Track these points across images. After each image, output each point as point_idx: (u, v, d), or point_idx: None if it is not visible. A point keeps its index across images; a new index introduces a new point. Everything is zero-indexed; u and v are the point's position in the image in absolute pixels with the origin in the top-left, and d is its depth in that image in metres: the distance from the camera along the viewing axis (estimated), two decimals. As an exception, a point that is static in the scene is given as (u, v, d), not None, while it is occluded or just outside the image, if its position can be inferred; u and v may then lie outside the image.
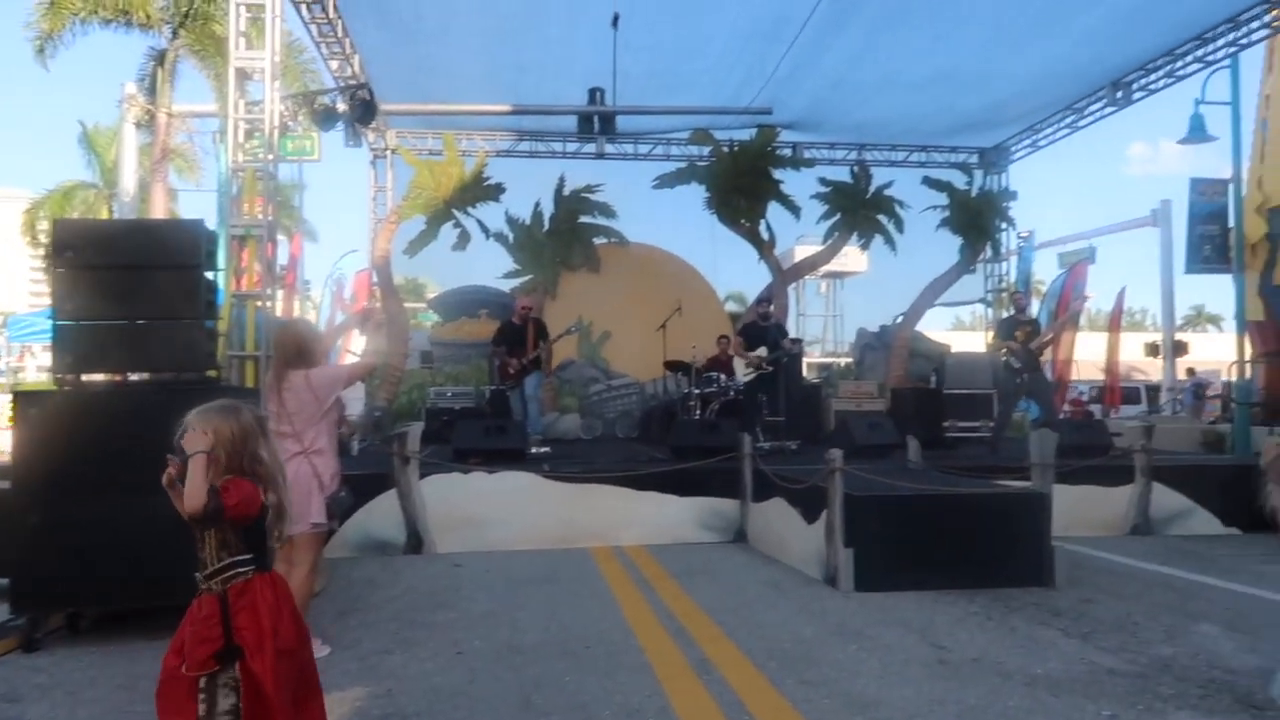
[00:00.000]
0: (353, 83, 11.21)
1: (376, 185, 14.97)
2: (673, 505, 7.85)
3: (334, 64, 11.41)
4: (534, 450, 9.52)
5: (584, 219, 14.50)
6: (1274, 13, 10.39)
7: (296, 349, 4.46)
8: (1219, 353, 21.96)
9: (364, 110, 10.32)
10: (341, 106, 10.09)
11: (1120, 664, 4.41)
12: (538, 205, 14.24)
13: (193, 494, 2.42)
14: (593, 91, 12.12)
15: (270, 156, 8.19)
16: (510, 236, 14.08)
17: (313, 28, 10.65)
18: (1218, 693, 3.99)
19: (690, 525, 7.87)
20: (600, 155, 14.77)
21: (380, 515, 7.34)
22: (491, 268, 14.32)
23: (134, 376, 5.40)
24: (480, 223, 13.66)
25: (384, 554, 7.25)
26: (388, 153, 14.73)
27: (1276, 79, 12.13)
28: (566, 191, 14.31)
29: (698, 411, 10.68)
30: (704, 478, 7.92)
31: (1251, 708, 3.80)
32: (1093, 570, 6.64)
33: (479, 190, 13.45)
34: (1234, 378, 12.72)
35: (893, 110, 13.55)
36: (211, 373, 5.55)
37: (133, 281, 5.15)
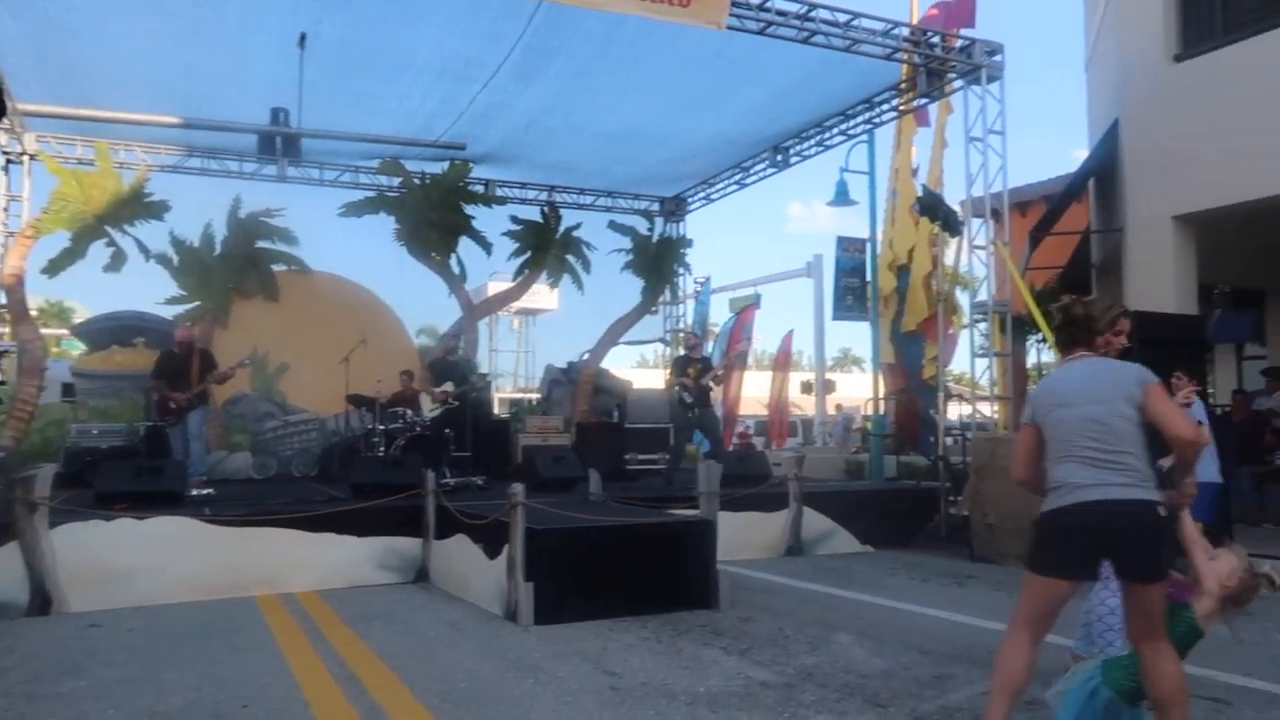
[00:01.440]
0: (-22, 75, 9.75)
1: (9, 194, 13.04)
2: (349, 546, 7.49)
3: (-45, 52, 9.86)
4: (195, 492, 8.80)
5: (261, 244, 13.60)
6: (900, 99, 12.11)
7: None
8: (862, 390, 24.88)
9: (-10, 107, 8.99)
10: (-39, 101, 8.71)
11: (772, 676, 4.80)
12: (209, 226, 13.16)
13: None
14: (276, 111, 11.45)
15: None
16: (175, 259, 12.89)
17: (-74, 7, 9.16)
18: (850, 695, 4.46)
19: (368, 566, 7.56)
20: (282, 178, 13.86)
21: (-3, 572, 6.34)
22: (152, 292, 12.97)
23: None
24: (139, 242, 12.48)
25: (2, 617, 6.26)
26: (24, 158, 12.92)
27: (903, 155, 14.09)
28: (243, 214, 13.35)
29: (382, 448, 10.35)
30: (384, 516, 7.66)
31: (877, 706, 4.29)
32: (752, 590, 7.21)
33: (138, 207, 12.29)
34: (870, 413, 14.49)
35: (582, 155, 14.06)
36: None
37: None
